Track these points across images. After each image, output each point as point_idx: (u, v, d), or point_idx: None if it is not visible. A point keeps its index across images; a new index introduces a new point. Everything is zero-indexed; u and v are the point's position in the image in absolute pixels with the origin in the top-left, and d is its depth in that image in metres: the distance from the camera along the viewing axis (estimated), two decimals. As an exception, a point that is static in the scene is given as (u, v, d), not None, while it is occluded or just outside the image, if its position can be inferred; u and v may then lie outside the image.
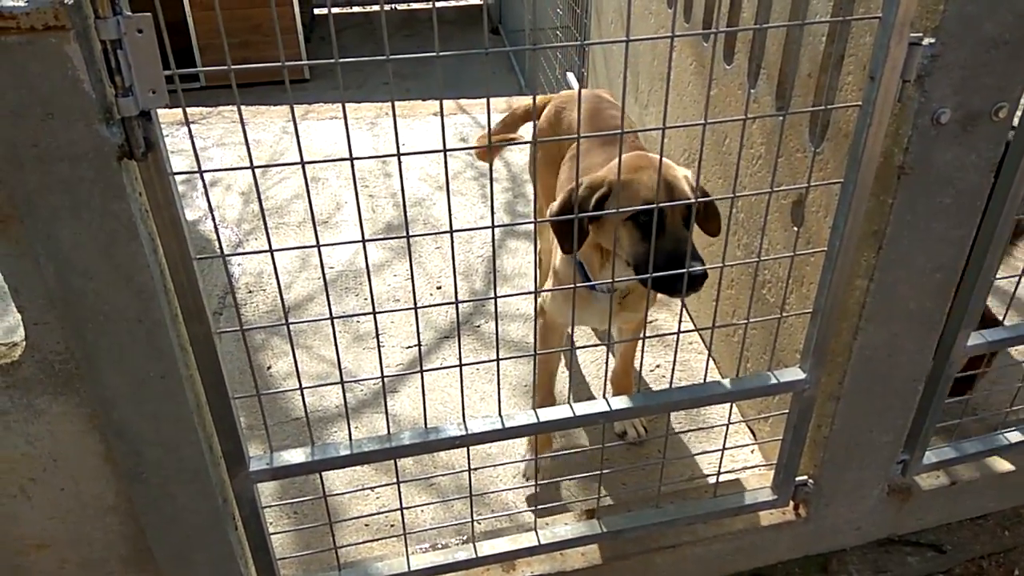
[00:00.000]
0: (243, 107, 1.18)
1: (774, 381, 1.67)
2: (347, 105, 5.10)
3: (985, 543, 2.16)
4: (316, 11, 6.88)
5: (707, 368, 1.71)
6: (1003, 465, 2.12)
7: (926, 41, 1.35)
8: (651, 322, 2.73)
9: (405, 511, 1.73)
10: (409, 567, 1.74)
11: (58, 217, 1.11)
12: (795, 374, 1.68)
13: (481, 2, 8.13)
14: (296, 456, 1.52)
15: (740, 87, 2.27)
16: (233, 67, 1.08)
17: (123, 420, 1.32)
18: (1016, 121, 1.52)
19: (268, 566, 1.65)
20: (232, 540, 1.54)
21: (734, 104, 2.32)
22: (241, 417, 1.44)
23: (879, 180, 1.49)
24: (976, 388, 2.25)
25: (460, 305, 2.95)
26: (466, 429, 1.58)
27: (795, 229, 2.02)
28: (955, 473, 2.11)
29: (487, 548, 1.81)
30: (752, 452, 2.33)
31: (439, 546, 2.06)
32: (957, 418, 1.99)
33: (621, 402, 1.64)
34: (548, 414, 1.63)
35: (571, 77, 4.79)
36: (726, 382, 1.68)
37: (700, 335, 2.78)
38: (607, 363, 2.27)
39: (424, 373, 2.61)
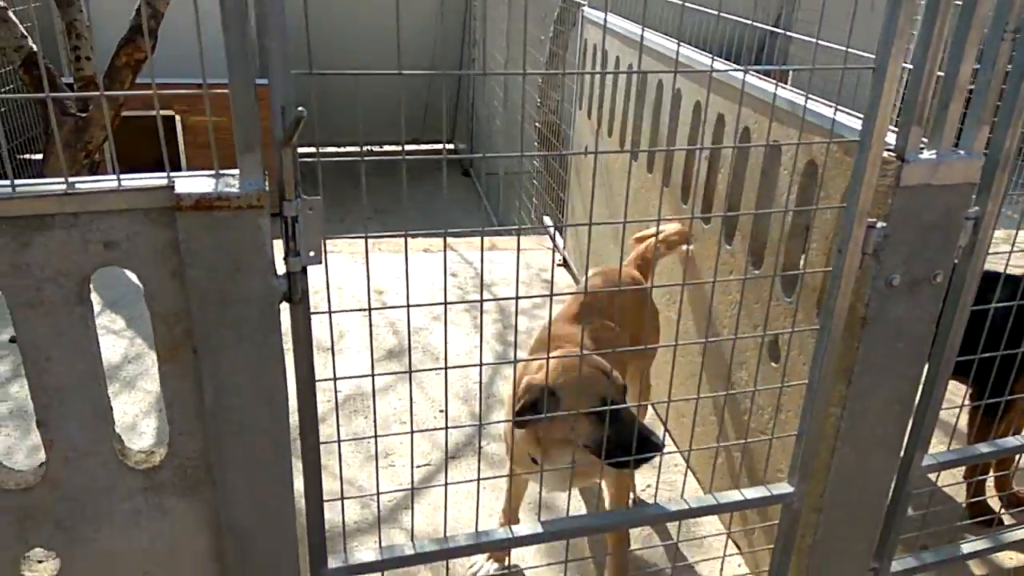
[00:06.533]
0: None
1: (767, 494, 1.98)
2: (341, 240, 5.33)
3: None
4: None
5: (699, 484, 1.98)
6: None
7: (879, 224, 1.77)
8: (643, 490, 2.97)
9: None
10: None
11: (225, 347, 1.39)
12: (784, 488, 1.99)
13: (452, 146, 8.78)
14: (368, 555, 1.75)
15: (716, 244, 2.69)
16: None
17: (237, 519, 1.54)
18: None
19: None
20: (305, 635, 1.73)
21: (710, 259, 2.74)
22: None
23: (847, 328, 1.87)
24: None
25: (464, 427, 3.21)
26: (511, 532, 1.84)
27: (772, 364, 2.38)
28: (919, 582, 2.40)
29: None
30: (739, 566, 2.59)
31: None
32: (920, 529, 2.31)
33: (623, 516, 1.92)
34: (553, 526, 1.88)
35: (548, 221, 5.27)
36: (727, 494, 1.97)
37: (682, 456, 3.08)
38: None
39: (438, 489, 2.85)
